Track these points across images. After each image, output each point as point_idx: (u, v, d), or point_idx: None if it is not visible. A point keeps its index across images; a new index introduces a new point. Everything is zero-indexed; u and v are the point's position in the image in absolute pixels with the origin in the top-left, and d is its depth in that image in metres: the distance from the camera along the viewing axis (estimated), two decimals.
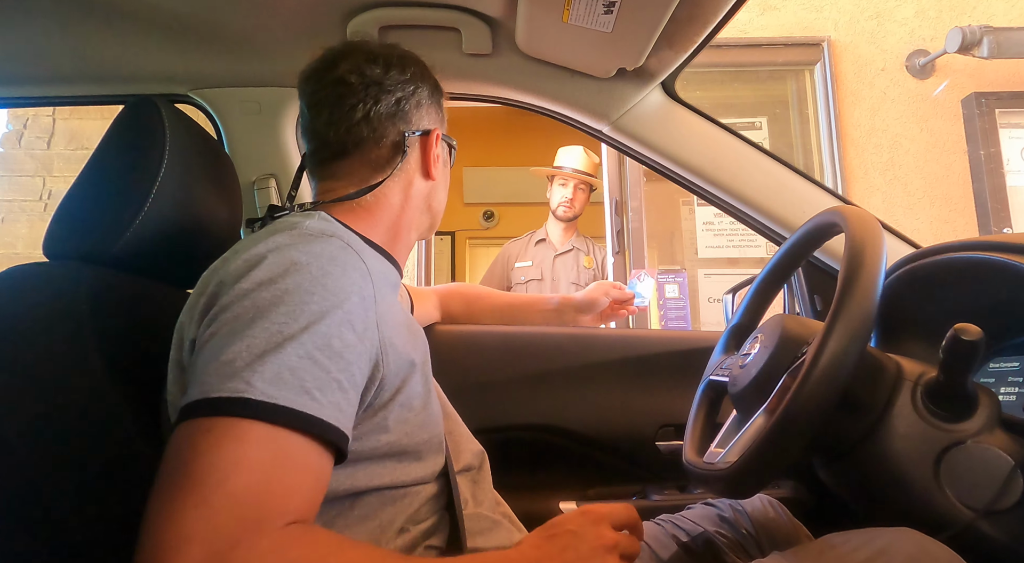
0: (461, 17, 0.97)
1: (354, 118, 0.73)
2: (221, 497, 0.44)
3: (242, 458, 0.46)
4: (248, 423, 0.47)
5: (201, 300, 0.58)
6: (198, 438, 0.47)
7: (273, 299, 0.53)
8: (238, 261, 0.58)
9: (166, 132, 0.71)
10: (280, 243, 0.59)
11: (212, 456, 0.46)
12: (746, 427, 0.65)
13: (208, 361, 0.51)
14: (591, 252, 2.60)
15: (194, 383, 0.50)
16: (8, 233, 2.97)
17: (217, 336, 0.52)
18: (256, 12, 0.95)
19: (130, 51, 1.03)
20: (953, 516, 0.58)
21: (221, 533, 0.44)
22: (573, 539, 0.58)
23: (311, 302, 0.54)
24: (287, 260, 0.57)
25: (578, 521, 0.60)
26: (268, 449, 0.48)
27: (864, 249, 0.60)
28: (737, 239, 2.76)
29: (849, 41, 2.77)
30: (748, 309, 0.88)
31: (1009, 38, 2.51)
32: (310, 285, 0.55)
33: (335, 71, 0.74)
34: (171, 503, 0.44)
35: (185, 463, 0.46)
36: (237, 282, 0.55)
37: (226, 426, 0.47)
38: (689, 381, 0.98)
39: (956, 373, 0.59)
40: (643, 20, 0.86)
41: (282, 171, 1.15)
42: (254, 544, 0.44)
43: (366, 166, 0.75)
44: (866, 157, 2.72)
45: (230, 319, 0.53)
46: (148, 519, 0.45)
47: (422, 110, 0.78)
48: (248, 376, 0.49)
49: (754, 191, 1.12)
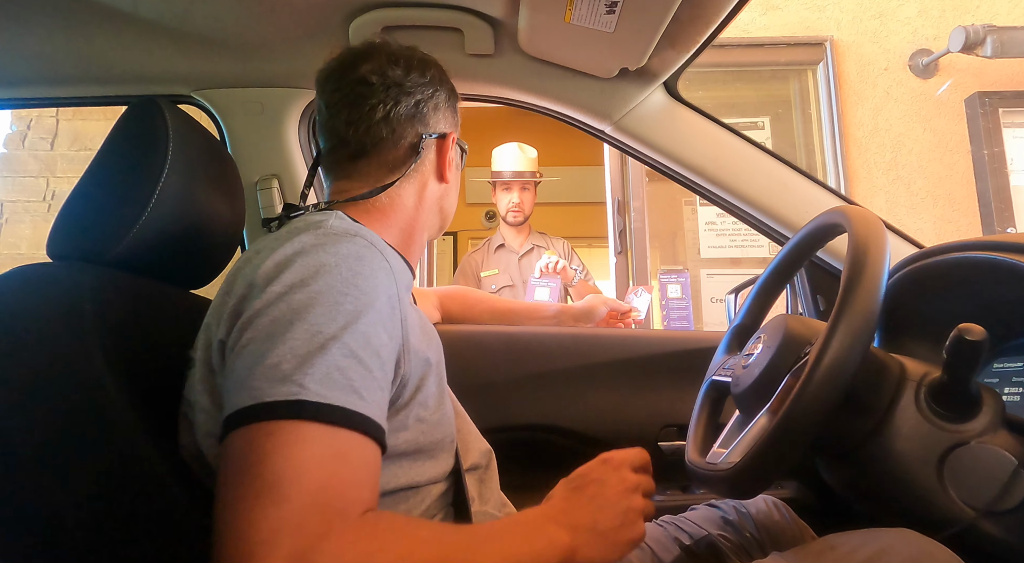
0: (463, 18, 0.97)
1: (374, 118, 0.73)
2: (300, 494, 0.46)
3: (309, 457, 0.47)
4: (307, 425, 0.49)
5: (229, 301, 0.58)
6: (261, 441, 0.48)
7: (307, 301, 0.54)
8: (267, 263, 0.58)
9: (169, 133, 0.71)
10: (307, 243, 0.59)
11: (280, 457, 0.47)
12: (749, 427, 0.65)
13: (252, 365, 0.51)
14: (551, 246, 2.55)
15: (240, 388, 0.51)
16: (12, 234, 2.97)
17: (256, 340, 0.53)
18: (259, 13, 0.95)
19: (133, 52, 1.03)
20: (957, 516, 0.58)
21: (307, 527, 0.45)
22: (599, 487, 0.62)
23: (345, 302, 0.55)
24: (316, 262, 0.57)
25: (601, 469, 0.64)
26: (330, 447, 0.49)
27: (867, 249, 0.60)
28: (740, 239, 2.75)
29: (852, 40, 2.77)
30: (751, 309, 0.88)
31: (1013, 37, 2.50)
32: (342, 286, 0.56)
33: (357, 71, 0.74)
34: (249, 505, 0.45)
35: (253, 466, 0.47)
36: (268, 285, 0.56)
37: (287, 429, 0.48)
38: (692, 381, 0.97)
39: (960, 373, 0.59)
40: (645, 20, 0.86)
41: (284, 171, 1.15)
42: (342, 533, 0.46)
43: (383, 167, 0.75)
44: (869, 157, 2.72)
45: (267, 323, 0.53)
46: (225, 524, 0.46)
47: (439, 113, 0.79)
48: (299, 379, 0.50)
49: (757, 191, 1.12)
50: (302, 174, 1.16)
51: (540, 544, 0.55)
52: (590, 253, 3.78)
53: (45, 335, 0.59)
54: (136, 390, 0.60)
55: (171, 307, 0.75)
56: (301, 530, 0.44)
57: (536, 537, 0.56)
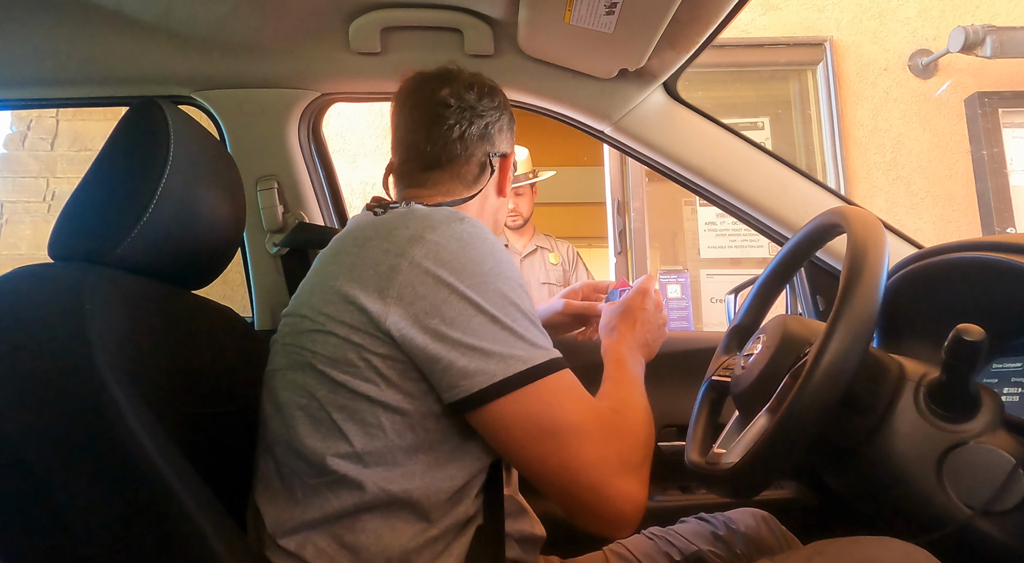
0: (463, 18, 0.97)
1: (451, 137, 0.83)
2: (595, 419, 0.63)
3: (579, 392, 0.65)
4: (565, 371, 0.65)
5: (385, 273, 0.64)
6: (547, 398, 0.62)
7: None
8: (429, 245, 0.64)
9: (170, 134, 0.71)
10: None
11: (568, 403, 0.63)
12: (748, 428, 0.65)
13: (493, 336, 0.62)
14: (555, 248, 2.54)
15: (491, 357, 0.61)
16: (12, 234, 2.98)
17: (468, 316, 0.62)
18: (259, 14, 0.96)
19: (134, 53, 1.03)
20: (955, 517, 0.58)
21: (612, 437, 0.63)
22: (644, 313, 0.89)
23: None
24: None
25: (641, 300, 0.90)
26: (573, 380, 0.65)
27: (866, 249, 0.60)
28: (739, 239, 2.76)
29: (851, 41, 2.77)
30: (750, 309, 0.88)
31: (1012, 37, 2.51)
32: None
33: (437, 94, 0.83)
34: (574, 444, 0.61)
35: (555, 416, 0.61)
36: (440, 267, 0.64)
37: (557, 380, 0.63)
38: (691, 381, 0.98)
39: (959, 374, 0.59)
40: (645, 21, 0.86)
41: (285, 172, 1.16)
42: (613, 426, 0.64)
43: (454, 179, 0.84)
44: (869, 157, 2.72)
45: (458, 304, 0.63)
46: (575, 470, 0.60)
47: (503, 135, 0.89)
48: (541, 341, 0.65)
49: (756, 191, 1.12)
50: (302, 174, 1.17)
51: (639, 367, 0.85)
52: (590, 253, 3.77)
53: (46, 336, 0.59)
54: (137, 390, 0.60)
55: (172, 307, 0.75)
56: (610, 444, 0.62)
57: (637, 364, 0.84)
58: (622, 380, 0.78)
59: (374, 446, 0.63)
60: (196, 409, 0.72)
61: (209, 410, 0.73)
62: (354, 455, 0.63)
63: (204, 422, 0.72)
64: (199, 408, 0.72)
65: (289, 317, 0.71)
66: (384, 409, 0.63)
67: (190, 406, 0.71)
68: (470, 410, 0.62)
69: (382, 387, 0.63)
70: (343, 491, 0.63)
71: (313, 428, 0.64)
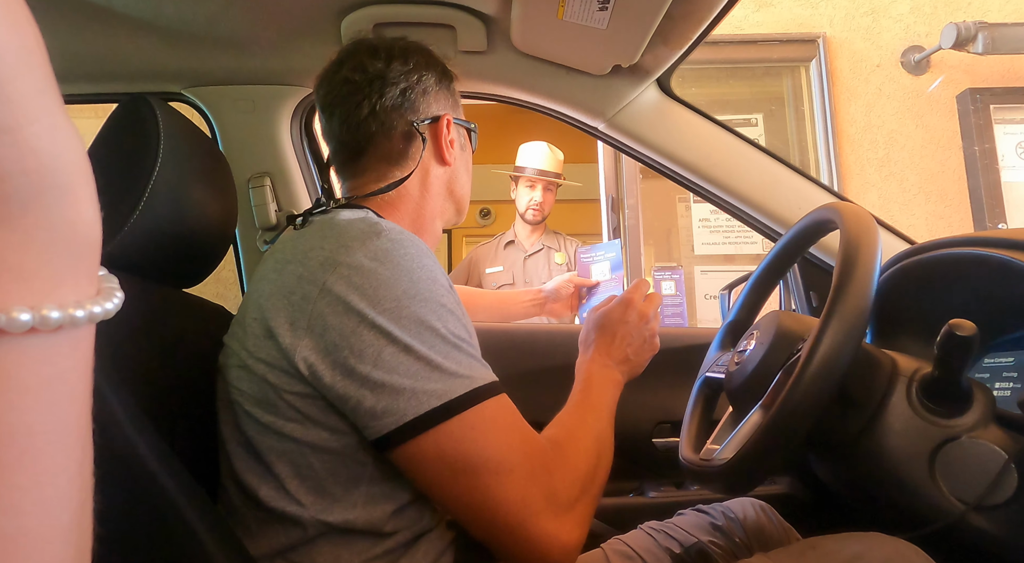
0: (456, 14, 0.97)
1: (361, 115, 0.75)
2: (522, 454, 0.58)
3: (506, 422, 0.60)
4: (490, 401, 0.59)
5: (298, 302, 0.60)
6: (463, 433, 0.57)
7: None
8: (359, 272, 0.59)
9: (160, 130, 0.70)
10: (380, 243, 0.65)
11: (490, 437, 0.58)
12: (742, 424, 0.65)
13: (405, 369, 0.57)
14: (563, 247, 2.52)
15: (400, 394, 0.56)
16: None
17: (400, 344, 0.58)
18: (250, 10, 0.95)
19: (124, 49, 1.02)
20: (947, 511, 0.58)
21: (540, 473, 0.58)
22: (625, 327, 0.81)
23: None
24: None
25: (621, 311, 0.82)
26: (500, 409, 0.60)
27: (859, 245, 0.60)
28: (733, 236, 2.76)
29: (844, 37, 2.77)
30: (744, 306, 0.88)
31: (1004, 34, 2.52)
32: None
33: (341, 71, 0.76)
34: (492, 483, 0.56)
35: (470, 453, 0.57)
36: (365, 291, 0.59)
37: (476, 413, 0.58)
38: (685, 378, 0.98)
39: (951, 369, 0.59)
40: (638, 17, 0.86)
41: (276, 169, 1.15)
42: (550, 460, 0.60)
43: (382, 160, 0.77)
44: (861, 153, 2.73)
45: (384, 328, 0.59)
46: (492, 509, 0.56)
47: (429, 97, 0.79)
48: (463, 368, 0.59)
49: (750, 188, 1.12)
50: (294, 172, 1.16)
51: (612, 387, 0.76)
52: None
53: None
54: (129, 390, 0.60)
55: (163, 306, 0.74)
56: (537, 481, 0.57)
57: (608, 385, 0.76)
58: (581, 405, 0.73)
59: (307, 485, 0.61)
60: (188, 408, 0.71)
61: (201, 409, 0.73)
62: (288, 496, 0.61)
63: (196, 421, 0.72)
64: (191, 407, 0.72)
65: (227, 342, 0.68)
66: (312, 450, 0.60)
67: (182, 405, 0.70)
68: (384, 451, 0.58)
69: (307, 426, 0.60)
70: (288, 525, 0.61)
71: (249, 466, 0.63)
